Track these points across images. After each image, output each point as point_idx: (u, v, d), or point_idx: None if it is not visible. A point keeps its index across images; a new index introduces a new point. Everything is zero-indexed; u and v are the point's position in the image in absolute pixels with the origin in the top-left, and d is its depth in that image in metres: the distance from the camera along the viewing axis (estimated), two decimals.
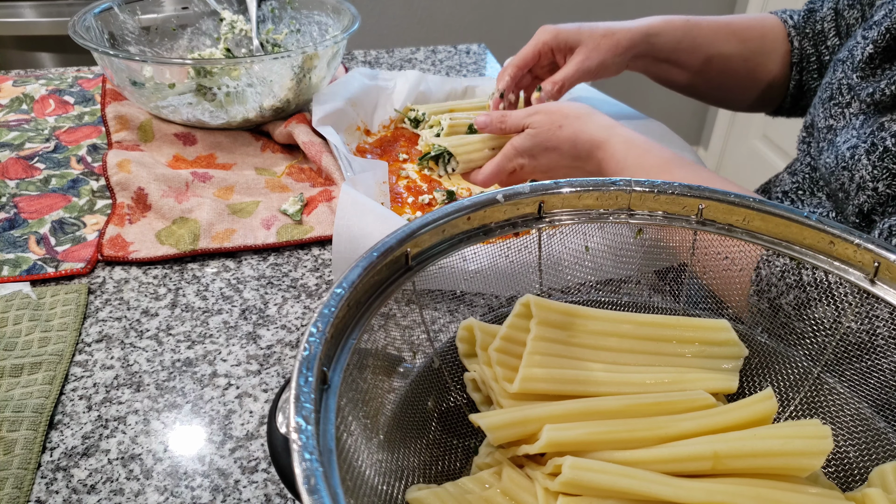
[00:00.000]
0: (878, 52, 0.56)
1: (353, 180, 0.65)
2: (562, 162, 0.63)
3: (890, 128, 0.52)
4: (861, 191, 0.54)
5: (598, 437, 0.34)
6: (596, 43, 0.71)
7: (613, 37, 0.71)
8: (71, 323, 0.54)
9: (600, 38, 0.71)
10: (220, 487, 0.43)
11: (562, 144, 0.62)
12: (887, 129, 0.52)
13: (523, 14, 2.07)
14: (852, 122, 0.57)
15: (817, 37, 0.72)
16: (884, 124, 0.53)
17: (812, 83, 0.75)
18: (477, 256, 0.43)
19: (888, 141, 0.51)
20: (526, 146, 0.65)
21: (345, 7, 0.86)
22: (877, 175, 0.52)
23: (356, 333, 0.32)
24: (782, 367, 0.41)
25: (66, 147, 0.79)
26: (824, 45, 0.72)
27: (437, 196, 0.72)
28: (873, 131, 0.54)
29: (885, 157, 0.51)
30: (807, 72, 0.74)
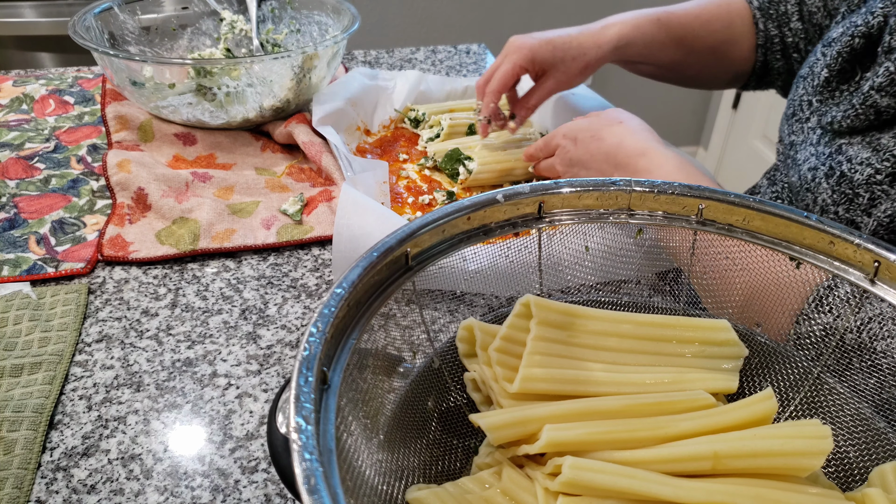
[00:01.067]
0: (833, 75, 0.58)
1: (354, 180, 0.65)
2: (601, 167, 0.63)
3: (846, 151, 0.54)
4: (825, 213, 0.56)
5: (598, 437, 0.34)
6: (567, 67, 0.72)
7: (584, 58, 0.72)
8: (71, 323, 0.54)
9: (571, 62, 0.72)
10: (220, 487, 0.43)
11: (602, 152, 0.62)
12: (844, 153, 0.54)
13: (523, 14, 2.07)
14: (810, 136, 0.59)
15: (781, 18, 0.74)
16: (841, 147, 0.54)
17: (775, 63, 0.76)
18: (477, 256, 0.43)
19: (844, 166, 0.53)
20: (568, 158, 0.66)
21: (345, 7, 0.86)
22: (836, 199, 0.54)
23: (356, 333, 0.32)
24: (782, 367, 0.41)
25: (66, 147, 0.79)
26: (788, 28, 0.73)
27: (437, 196, 0.72)
28: (831, 153, 0.55)
29: (842, 182, 0.53)
30: (771, 52, 0.76)
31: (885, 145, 0.51)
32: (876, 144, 0.52)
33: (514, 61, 0.71)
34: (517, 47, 0.71)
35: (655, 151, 0.58)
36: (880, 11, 0.54)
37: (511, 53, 0.71)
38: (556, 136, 0.68)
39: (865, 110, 0.53)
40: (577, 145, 0.65)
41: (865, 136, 0.53)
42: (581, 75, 0.74)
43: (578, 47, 0.71)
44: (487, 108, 0.73)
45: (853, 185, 0.53)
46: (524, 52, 0.71)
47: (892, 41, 0.52)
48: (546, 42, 0.71)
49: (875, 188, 0.51)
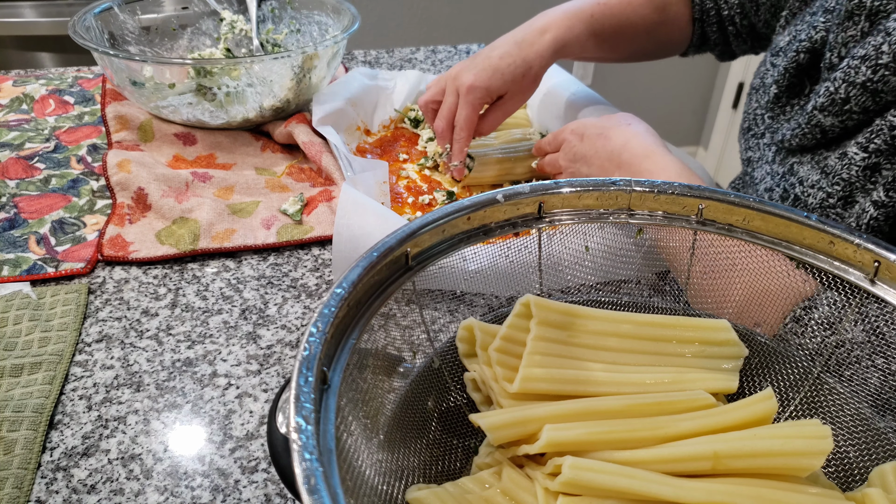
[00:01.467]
0: (783, 90, 0.58)
1: (354, 180, 0.65)
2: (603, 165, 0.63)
3: (798, 172, 0.54)
4: None
5: (598, 437, 0.34)
6: (518, 86, 0.72)
7: (531, 71, 0.72)
8: (71, 323, 0.54)
9: (521, 80, 0.72)
10: (220, 487, 0.43)
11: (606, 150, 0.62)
12: (796, 175, 0.54)
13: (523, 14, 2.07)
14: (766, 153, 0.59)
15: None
16: (793, 167, 0.54)
17: (712, 34, 0.78)
18: (477, 256, 0.43)
19: (797, 189, 0.53)
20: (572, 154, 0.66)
21: (345, 7, 0.86)
22: None
23: (356, 333, 0.32)
24: (782, 367, 0.41)
25: (66, 147, 0.79)
26: (724, 1, 0.74)
27: (437, 196, 0.72)
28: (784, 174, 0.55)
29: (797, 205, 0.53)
30: (707, 24, 0.77)
31: (833, 167, 0.51)
32: (824, 166, 0.52)
33: (471, 103, 0.70)
34: (470, 88, 0.70)
35: (660, 155, 0.58)
36: (822, 26, 0.54)
37: (466, 95, 0.70)
38: (564, 130, 0.68)
39: (811, 129, 0.52)
40: (584, 141, 0.65)
41: (815, 154, 0.53)
42: (532, 86, 0.74)
43: (524, 64, 0.71)
44: (462, 153, 0.73)
45: (808, 209, 0.52)
46: (480, 92, 0.70)
47: (832, 58, 0.52)
48: (494, 72, 0.70)
49: (829, 211, 0.51)
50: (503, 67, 0.70)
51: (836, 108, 0.50)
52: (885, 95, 0.47)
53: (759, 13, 0.71)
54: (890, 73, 0.46)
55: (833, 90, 0.50)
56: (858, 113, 0.49)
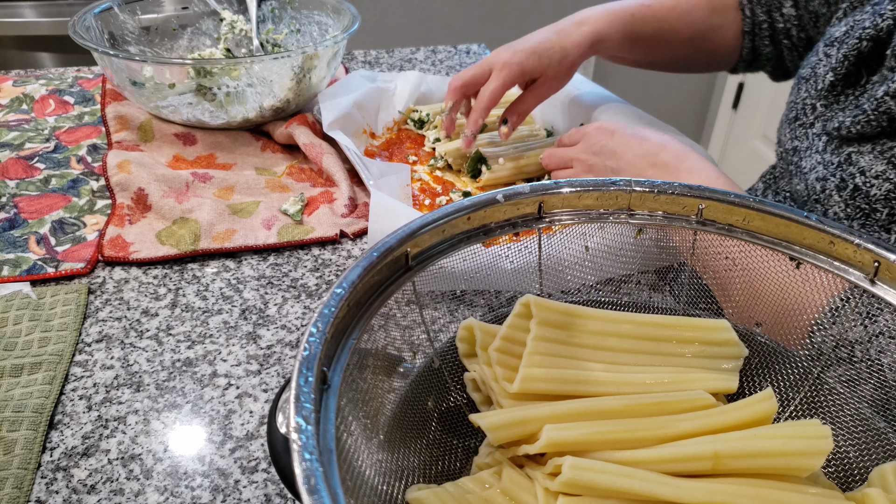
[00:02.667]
0: (839, 79, 0.56)
1: (379, 184, 0.66)
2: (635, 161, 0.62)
3: (857, 162, 0.52)
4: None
5: (598, 437, 0.34)
6: (554, 71, 0.73)
7: (568, 59, 0.72)
8: (71, 323, 0.54)
9: (557, 66, 0.72)
10: (220, 487, 0.43)
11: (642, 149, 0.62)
12: (855, 164, 0.52)
13: (523, 14, 2.07)
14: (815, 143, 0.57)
15: (770, 3, 0.73)
16: (851, 156, 0.52)
17: (764, 49, 0.76)
18: (477, 256, 0.43)
19: (857, 179, 0.51)
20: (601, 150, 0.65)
21: (345, 7, 0.86)
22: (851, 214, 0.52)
23: (356, 333, 0.32)
24: (782, 367, 0.41)
25: (66, 147, 0.79)
26: (779, 13, 0.73)
27: (453, 197, 0.72)
28: (840, 163, 0.53)
29: (857, 196, 0.51)
30: (759, 38, 0.75)
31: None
32: (890, 156, 0.50)
33: (504, 79, 0.71)
34: (505, 64, 0.71)
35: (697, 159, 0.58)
36: (889, 14, 0.52)
37: (500, 70, 0.71)
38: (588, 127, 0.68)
39: (878, 117, 0.50)
40: (614, 137, 0.64)
41: (876, 143, 0.51)
42: (567, 75, 0.75)
43: (561, 50, 0.72)
44: (477, 125, 0.73)
45: (870, 200, 0.50)
46: (514, 68, 0.71)
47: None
48: (532, 53, 0.71)
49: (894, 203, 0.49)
50: (541, 51, 0.71)
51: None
52: None
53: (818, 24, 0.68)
54: None
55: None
56: None
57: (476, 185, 0.75)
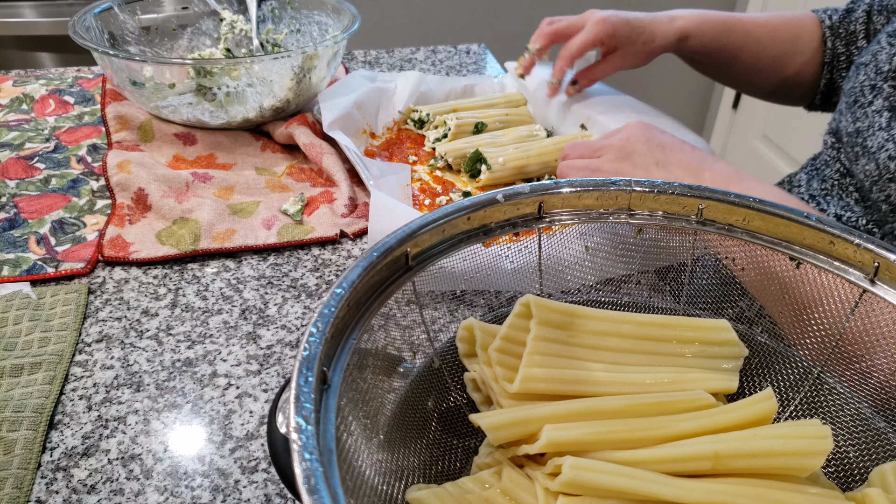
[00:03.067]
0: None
1: (379, 184, 0.66)
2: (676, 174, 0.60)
3: None
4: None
5: (598, 437, 0.34)
6: (637, 49, 0.76)
7: (653, 43, 0.75)
8: (71, 323, 0.54)
9: (642, 45, 0.75)
10: (220, 487, 0.43)
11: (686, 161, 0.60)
12: None
13: (523, 14, 2.07)
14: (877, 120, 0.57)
15: (850, 37, 0.75)
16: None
17: (841, 81, 0.77)
18: (477, 256, 0.43)
19: None
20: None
21: (345, 7, 0.86)
22: None
23: (356, 333, 0.32)
24: (782, 367, 0.41)
25: (66, 147, 0.79)
26: (854, 46, 0.74)
27: (453, 197, 0.72)
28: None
29: None
30: (837, 70, 0.77)
31: None
32: None
33: (596, 33, 0.74)
34: (600, 20, 0.74)
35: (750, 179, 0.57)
36: None
37: (594, 25, 0.74)
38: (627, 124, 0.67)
39: None
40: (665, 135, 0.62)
41: None
42: (646, 59, 0.77)
43: (651, 33, 0.75)
44: (562, 72, 0.76)
45: None
46: (608, 27, 0.73)
47: None
48: (626, 22, 0.74)
49: None
50: (634, 24, 0.75)
51: None
52: None
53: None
54: None
55: None
56: None
57: (476, 184, 0.75)
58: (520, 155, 0.75)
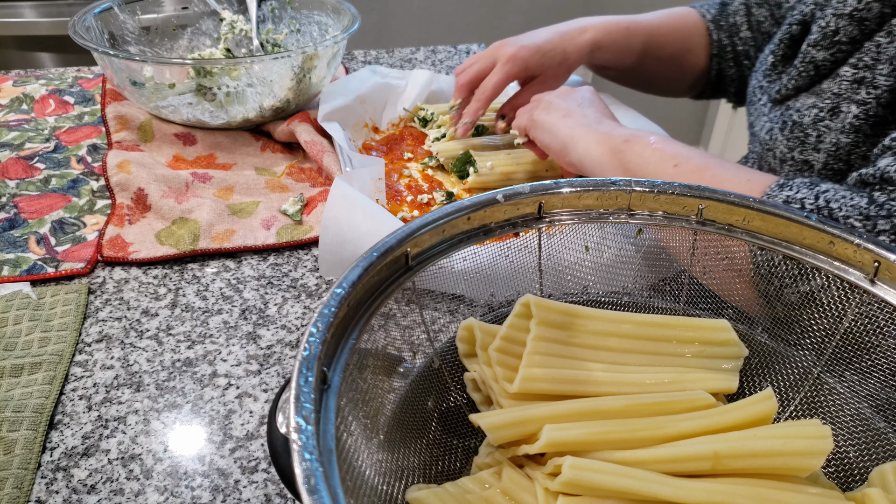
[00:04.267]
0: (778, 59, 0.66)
1: (349, 175, 0.65)
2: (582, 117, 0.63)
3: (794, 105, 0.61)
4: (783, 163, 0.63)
5: (598, 437, 0.34)
6: (554, 72, 0.76)
7: (567, 62, 0.76)
8: (71, 323, 0.54)
9: (557, 67, 0.76)
10: (220, 487, 0.43)
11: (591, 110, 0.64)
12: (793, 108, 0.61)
13: (523, 14, 2.07)
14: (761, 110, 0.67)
15: (731, 28, 0.80)
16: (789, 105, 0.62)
17: (728, 71, 0.82)
18: (477, 256, 0.43)
19: (794, 116, 0.60)
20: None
21: (345, 7, 0.86)
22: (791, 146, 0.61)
23: (356, 333, 0.32)
24: (782, 367, 0.41)
25: (66, 147, 0.79)
26: (738, 37, 0.80)
27: (436, 196, 0.72)
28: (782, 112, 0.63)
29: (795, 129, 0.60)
30: (724, 61, 0.82)
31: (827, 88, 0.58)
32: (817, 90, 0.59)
33: (507, 72, 0.73)
34: (511, 58, 0.73)
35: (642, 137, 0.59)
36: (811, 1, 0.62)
37: (504, 65, 0.74)
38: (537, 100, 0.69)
39: (806, 67, 0.59)
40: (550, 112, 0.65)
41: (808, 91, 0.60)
42: (565, 76, 0.78)
43: (562, 52, 0.76)
44: (476, 115, 0.76)
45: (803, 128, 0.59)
46: (518, 63, 0.74)
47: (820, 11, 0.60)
48: (535, 51, 0.74)
49: (820, 125, 0.58)
50: (545, 49, 0.75)
51: (827, 40, 0.57)
52: (869, 23, 0.55)
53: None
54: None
55: (824, 24, 0.57)
56: (847, 43, 0.56)
57: (463, 186, 0.75)
58: (509, 162, 0.74)
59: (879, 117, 0.55)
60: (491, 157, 0.74)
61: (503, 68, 0.73)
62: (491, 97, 0.74)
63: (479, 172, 0.73)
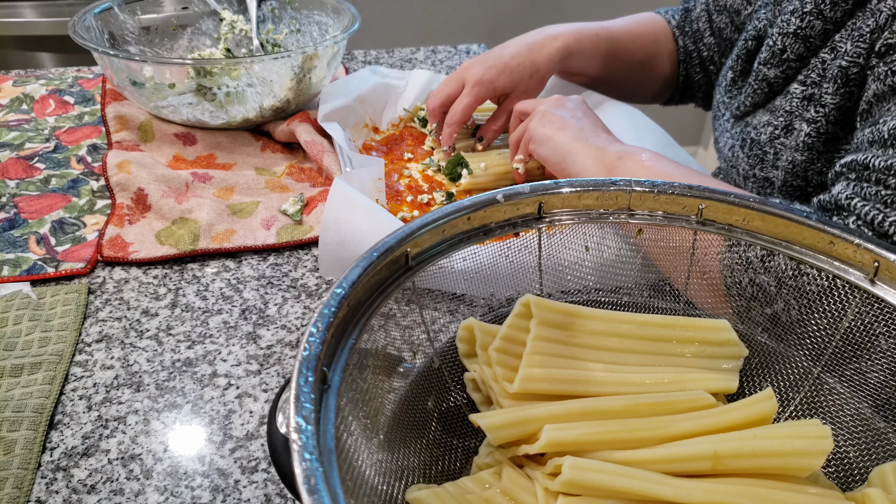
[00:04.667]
0: (737, 74, 0.68)
1: (349, 175, 0.65)
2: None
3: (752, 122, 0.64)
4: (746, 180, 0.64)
5: (598, 437, 0.34)
6: (526, 86, 0.75)
7: (538, 73, 0.75)
8: (71, 323, 0.54)
9: (528, 80, 0.75)
10: (220, 487, 0.43)
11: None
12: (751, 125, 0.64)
13: (523, 14, 2.07)
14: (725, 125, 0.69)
15: (695, 35, 0.81)
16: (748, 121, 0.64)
17: (695, 76, 0.83)
18: (477, 256, 0.43)
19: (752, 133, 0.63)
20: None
21: (345, 7, 0.86)
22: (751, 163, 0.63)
23: (356, 333, 0.32)
24: (782, 367, 0.41)
25: (66, 147, 0.79)
26: (702, 42, 0.80)
27: (436, 197, 0.72)
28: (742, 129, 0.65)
29: (753, 146, 0.63)
30: (691, 66, 0.83)
31: (779, 106, 0.60)
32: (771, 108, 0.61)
33: (476, 94, 0.73)
34: (478, 81, 0.72)
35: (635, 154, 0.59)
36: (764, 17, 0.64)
37: (472, 87, 0.73)
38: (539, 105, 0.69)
39: (759, 84, 0.62)
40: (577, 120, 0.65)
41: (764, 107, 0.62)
42: (538, 88, 0.77)
43: (532, 65, 0.75)
44: (451, 139, 0.75)
45: (760, 146, 0.62)
46: (486, 86, 0.73)
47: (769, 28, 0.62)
48: (503, 69, 0.73)
49: (776, 143, 0.60)
50: (512, 66, 0.74)
51: (776, 58, 0.60)
52: (813, 40, 0.57)
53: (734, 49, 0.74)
54: (814, 17, 0.55)
55: (772, 43, 0.60)
56: (794, 60, 0.58)
57: (457, 188, 0.75)
58: (502, 162, 0.74)
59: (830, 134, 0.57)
60: (483, 157, 0.74)
61: (472, 91, 0.73)
62: (461, 121, 0.74)
63: (473, 174, 0.73)
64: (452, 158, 0.75)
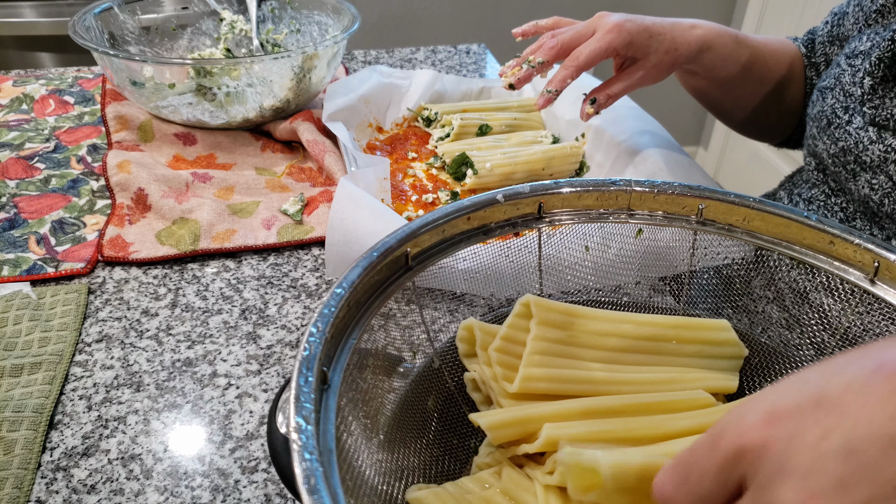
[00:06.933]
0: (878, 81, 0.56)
1: (354, 175, 0.65)
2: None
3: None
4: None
5: (598, 435, 0.34)
6: (659, 60, 0.65)
7: (675, 53, 0.65)
8: (71, 323, 0.54)
9: (664, 55, 0.65)
10: (220, 487, 0.43)
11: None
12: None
13: (523, 14, 2.07)
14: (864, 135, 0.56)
15: (816, 68, 0.72)
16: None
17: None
18: (477, 256, 0.43)
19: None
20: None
21: (345, 7, 0.86)
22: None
23: (356, 333, 0.32)
24: (782, 367, 0.41)
25: (66, 147, 0.79)
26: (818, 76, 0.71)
27: (441, 196, 0.72)
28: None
29: None
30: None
31: None
32: None
33: (609, 42, 0.63)
34: (615, 26, 0.63)
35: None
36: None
37: (607, 33, 0.63)
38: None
39: None
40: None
41: None
42: (668, 72, 0.67)
43: (672, 41, 0.65)
44: (564, 83, 0.65)
45: None
46: (623, 35, 0.63)
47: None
48: (644, 29, 0.64)
49: None
50: (653, 31, 0.64)
51: None
52: None
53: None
54: None
55: None
56: None
57: (462, 187, 0.75)
58: (507, 161, 0.74)
59: None
60: (488, 157, 0.74)
61: (605, 37, 0.63)
62: (584, 66, 0.64)
63: (479, 174, 0.73)
64: (457, 158, 0.75)
